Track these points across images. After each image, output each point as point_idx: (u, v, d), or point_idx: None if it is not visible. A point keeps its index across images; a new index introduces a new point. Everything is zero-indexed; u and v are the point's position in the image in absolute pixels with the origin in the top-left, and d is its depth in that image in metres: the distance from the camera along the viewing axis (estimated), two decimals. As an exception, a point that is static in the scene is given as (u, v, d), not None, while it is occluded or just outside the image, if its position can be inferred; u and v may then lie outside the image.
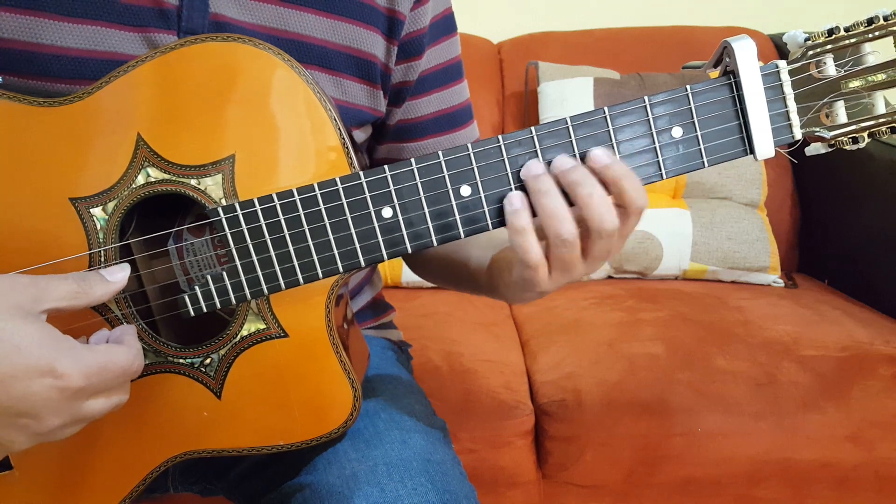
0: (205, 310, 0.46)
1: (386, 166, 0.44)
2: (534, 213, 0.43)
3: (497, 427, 0.85)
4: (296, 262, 0.45)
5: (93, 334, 0.44)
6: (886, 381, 0.89)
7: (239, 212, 0.44)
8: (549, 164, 0.43)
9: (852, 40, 0.42)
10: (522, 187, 0.44)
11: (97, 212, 0.46)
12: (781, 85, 0.43)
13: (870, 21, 0.42)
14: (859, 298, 1.19)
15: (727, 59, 0.43)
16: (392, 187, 0.44)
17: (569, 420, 0.86)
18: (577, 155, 0.43)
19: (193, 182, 0.45)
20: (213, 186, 0.45)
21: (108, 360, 0.39)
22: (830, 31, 0.42)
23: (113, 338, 0.43)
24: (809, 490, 0.86)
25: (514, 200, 0.43)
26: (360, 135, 0.62)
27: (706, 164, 0.44)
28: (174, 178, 0.45)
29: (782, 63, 0.43)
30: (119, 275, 0.43)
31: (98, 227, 0.46)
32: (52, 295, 0.39)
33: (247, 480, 0.58)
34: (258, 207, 0.44)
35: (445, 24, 0.64)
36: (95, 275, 0.42)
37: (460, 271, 0.59)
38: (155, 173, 0.45)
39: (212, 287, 0.45)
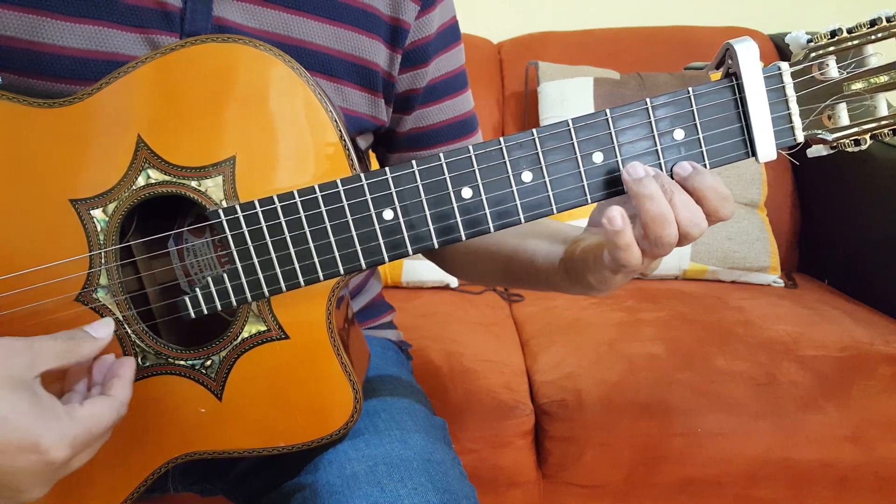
0: (205, 312, 0.45)
1: (387, 168, 0.44)
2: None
3: (497, 427, 0.85)
4: (297, 264, 0.45)
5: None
6: (886, 381, 0.89)
7: (240, 214, 0.44)
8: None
9: (855, 42, 0.42)
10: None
11: (97, 213, 0.46)
12: (784, 87, 0.43)
13: (872, 22, 0.42)
14: (859, 298, 1.19)
15: (729, 61, 0.43)
16: (393, 189, 0.44)
17: (569, 420, 0.86)
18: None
19: (194, 184, 0.45)
20: (213, 188, 0.45)
21: (91, 424, 0.40)
22: (833, 33, 0.42)
23: (108, 375, 0.43)
24: (809, 490, 0.86)
25: (616, 220, 0.41)
26: (362, 142, 0.62)
27: (708, 167, 0.44)
28: (174, 180, 0.45)
29: (785, 65, 0.43)
30: (103, 331, 0.44)
31: (98, 228, 0.46)
32: (44, 357, 0.40)
33: (247, 480, 0.58)
34: (259, 209, 0.44)
35: (452, 33, 0.64)
36: (81, 332, 0.43)
37: (526, 268, 0.57)
38: (155, 175, 0.45)
39: (212, 289, 0.45)
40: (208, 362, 0.48)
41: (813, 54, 0.43)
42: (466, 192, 0.44)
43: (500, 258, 0.60)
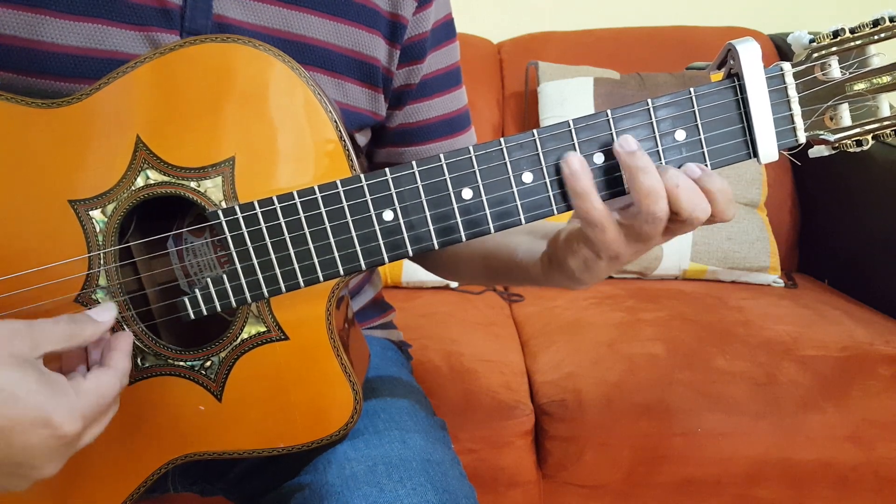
0: (205, 313, 0.45)
1: (387, 169, 0.43)
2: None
3: (497, 427, 0.85)
4: (296, 265, 0.44)
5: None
6: (886, 381, 0.89)
7: (239, 214, 0.44)
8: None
9: (857, 42, 0.42)
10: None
11: (96, 214, 0.45)
12: (786, 88, 0.43)
13: (875, 22, 0.42)
14: (859, 298, 1.19)
15: (731, 62, 0.43)
16: (393, 190, 0.44)
17: (569, 420, 0.86)
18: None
19: (193, 184, 0.45)
20: (212, 189, 0.45)
21: (98, 395, 0.40)
22: (836, 33, 0.42)
23: (106, 350, 0.43)
24: (809, 490, 0.86)
25: (573, 162, 0.41)
26: (361, 138, 0.62)
27: (710, 168, 0.44)
28: (173, 181, 0.45)
29: (787, 65, 0.43)
30: (106, 315, 0.44)
31: (97, 229, 0.46)
32: (48, 339, 0.40)
33: (246, 480, 0.58)
34: (258, 210, 0.44)
35: (446, 30, 0.64)
36: (83, 316, 0.43)
37: (506, 263, 0.57)
38: (154, 175, 0.45)
39: (212, 290, 0.45)
40: (208, 363, 0.48)
41: (815, 55, 0.42)
42: (467, 193, 0.44)
43: (480, 256, 0.61)
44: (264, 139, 0.45)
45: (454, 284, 1.25)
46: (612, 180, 0.44)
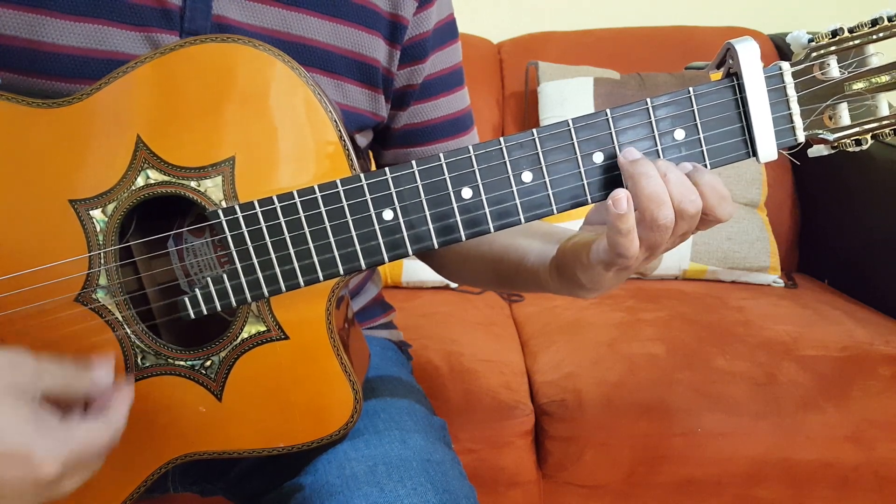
0: (205, 312, 0.45)
1: (387, 168, 0.44)
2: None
3: (497, 427, 0.85)
4: (296, 265, 0.45)
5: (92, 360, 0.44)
6: (886, 381, 0.89)
7: (239, 214, 0.44)
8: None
9: (856, 41, 0.42)
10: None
11: (96, 214, 0.45)
12: (785, 87, 0.43)
13: (874, 22, 0.42)
14: (859, 298, 1.19)
15: (730, 61, 0.43)
16: (393, 189, 0.44)
17: (569, 420, 0.86)
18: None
19: (193, 184, 0.45)
20: (212, 188, 0.45)
21: (86, 445, 0.39)
22: (834, 33, 0.42)
23: (106, 401, 0.43)
24: (809, 490, 0.86)
25: (622, 202, 0.40)
26: (362, 140, 0.62)
27: (708, 167, 0.44)
28: (174, 180, 0.45)
29: (785, 65, 0.43)
30: (105, 379, 0.43)
31: (97, 229, 0.46)
32: (50, 376, 0.40)
33: (246, 480, 0.58)
34: (258, 209, 0.44)
35: (449, 30, 0.64)
36: (86, 372, 0.43)
37: (515, 267, 0.56)
38: (154, 175, 0.45)
39: (212, 289, 0.45)
40: (208, 363, 0.48)
41: (814, 54, 0.42)
42: (466, 193, 0.44)
43: (490, 258, 0.60)
44: (264, 139, 0.45)
45: (454, 284, 1.25)
46: (612, 180, 0.44)
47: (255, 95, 0.45)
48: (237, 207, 0.44)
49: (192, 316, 0.45)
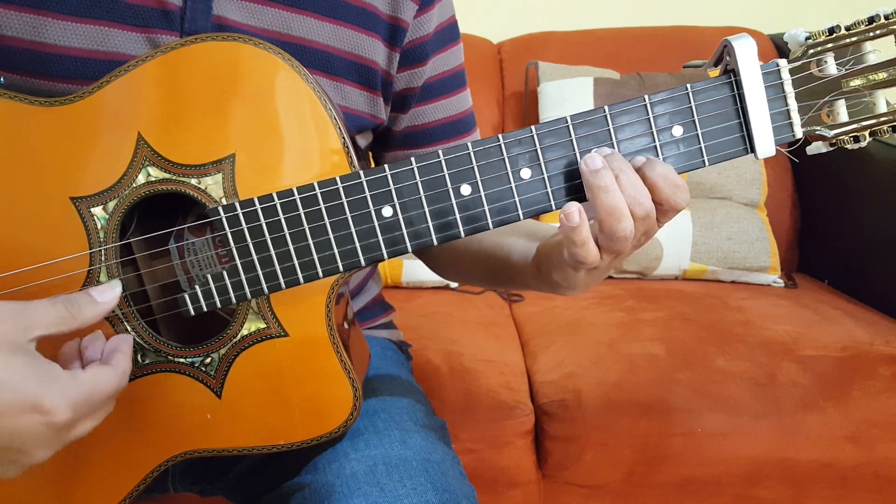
0: (205, 309, 0.46)
1: (386, 165, 0.44)
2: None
3: (497, 427, 0.85)
4: (296, 262, 0.45)
5: (87, 337, 0.44)
6: (886, 381, 0.89)
7: (239, 211, 0.44)
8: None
9: (853, 39, 0.42)
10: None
11: (98, 211, 0.46)
12: (782, 83, 0.43)
13: (871, 20, 0.42)
14: (859, 298, 1.19)
15: (727, 58, 0.43)
16: (392, 186, 0.44)
17: (569, 420, 0.86)
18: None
19: (194, 181, 0.45)
20: (213, 186, 0.45)
21: (93, 388, 0.40)
22: (831, 30, 0.42)
23: (107, 350, 0.43)
24: (809, 490, 0.86)
25: (574, 215, 0.41)
26: (362, 141, 0.62)
27: (707, 163, 0.44)
28: (175, 178, 0.45)
29: (783, 62, 0.43)
30: (109, 294, 0.43)
31: (99, 226, 0.46)
32: (39, 322, 0.39)
33: (246, 480, 0.58)
34: (258, 206, 0.44)
35: (451, 32, 0.64)
36: (84, 296, 0.42)
37: (502, 264, 0.58)
38: (155, 172, 0.45)
39: (212, 286, 0.45)
40: (208, 360, 0.48)
41: (811, 51, 0.43)
42: (465, 189, 0.44)
43: (480, 256, 0.61)
44: (265, 137, 0.45)
45: (454, 284, 1.25)
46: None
47: (256, 94, 0.45)
48: (237, 204, 0.44)
49: (192, 313, 0.46)
